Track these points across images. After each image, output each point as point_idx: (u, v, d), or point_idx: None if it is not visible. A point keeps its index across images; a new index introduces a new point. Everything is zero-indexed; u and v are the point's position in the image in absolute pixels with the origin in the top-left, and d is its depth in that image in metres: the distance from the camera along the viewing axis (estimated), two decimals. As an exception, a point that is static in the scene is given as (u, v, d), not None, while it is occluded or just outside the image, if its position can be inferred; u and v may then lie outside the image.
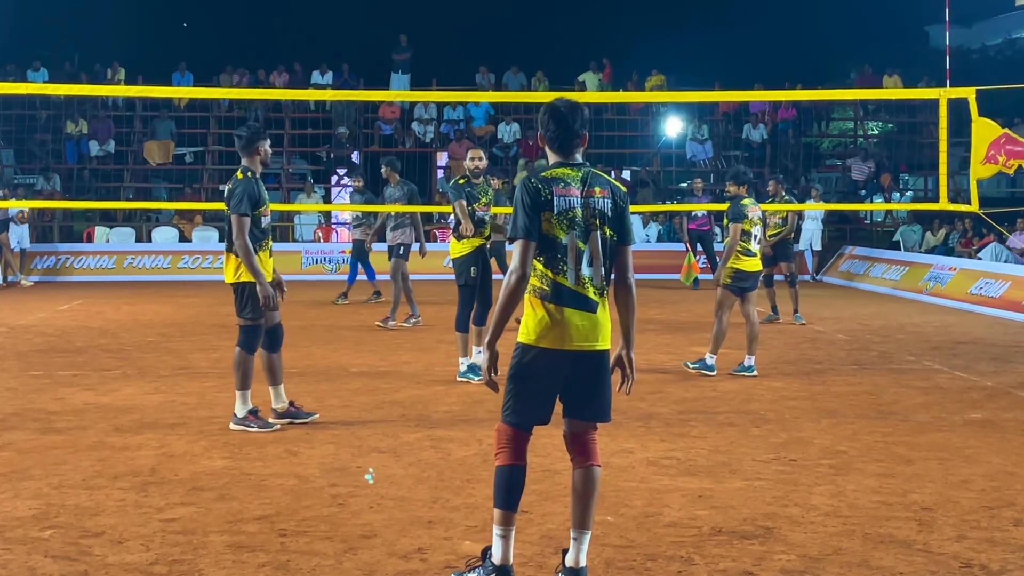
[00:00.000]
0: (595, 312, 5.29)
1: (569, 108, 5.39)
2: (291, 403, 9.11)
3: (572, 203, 5.23)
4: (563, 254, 5.22)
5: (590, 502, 5.30)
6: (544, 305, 5.23)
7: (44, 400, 10.04)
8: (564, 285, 5.22)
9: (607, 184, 5.38)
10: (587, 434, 5.43)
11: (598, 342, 5.32)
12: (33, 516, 6.40)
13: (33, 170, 28.97)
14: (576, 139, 5.40)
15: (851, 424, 9.16)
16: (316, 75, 30.70)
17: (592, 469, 5.36)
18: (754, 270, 11.72)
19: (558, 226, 5.21)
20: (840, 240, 27.50)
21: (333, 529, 6.20)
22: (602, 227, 5.29)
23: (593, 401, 5.41)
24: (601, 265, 5.29)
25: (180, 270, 24.55)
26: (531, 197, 5.20)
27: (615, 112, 31.00)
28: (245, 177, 8.81)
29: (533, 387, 5.29)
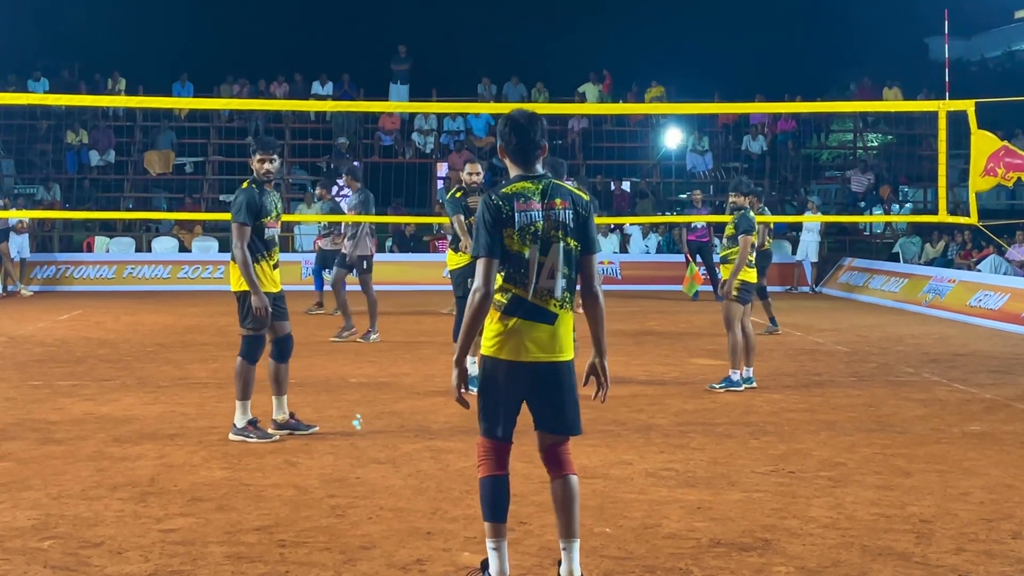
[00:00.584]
0: (553, 324, 5.30)
1: (528, 119, 5.43)
2: (292, 415, 9.11)
3: (533, 217, 5.24)
4: (524, 268, 5.24)
5: (572, 511, 5.30)
6: (502, 318, 5.28)
7: (43, 410, 10.05)
8: (522, 298, 5.26)
9: (568, 195, 5.38)
10: (559, 446, 5.42)
11: (557, 354, 5.34)
12: (32, 526, 6.40)
13: (33, 180, 29.01)
14: (536, 150, 5.42)
15: (850, 436, 9.16)
16: (316, 86, 30.73)
17: (568, 479, 5.36)
18: (755, 281, 11.74)
19: (519, 241, 5.23)
20: (839, 252, 27.52)
21: (332, 540, 6.20)
22: (564, 238, 5.30)
23: (559, 414, 5.39)
24: (562, 277, 5.31)
25: (180, 280, 24.54)
26: (492, 215, 5.23)
27: (615, 123, 31.05)
28: (248, 187, 8.84)
29: (500, 399, 5.32)
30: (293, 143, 30.51)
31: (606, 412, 10.08)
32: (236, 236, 8.68)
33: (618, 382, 11.92)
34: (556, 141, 31.11)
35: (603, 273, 25.93)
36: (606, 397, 5.65)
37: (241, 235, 8.66)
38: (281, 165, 9.06)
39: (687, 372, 12.74)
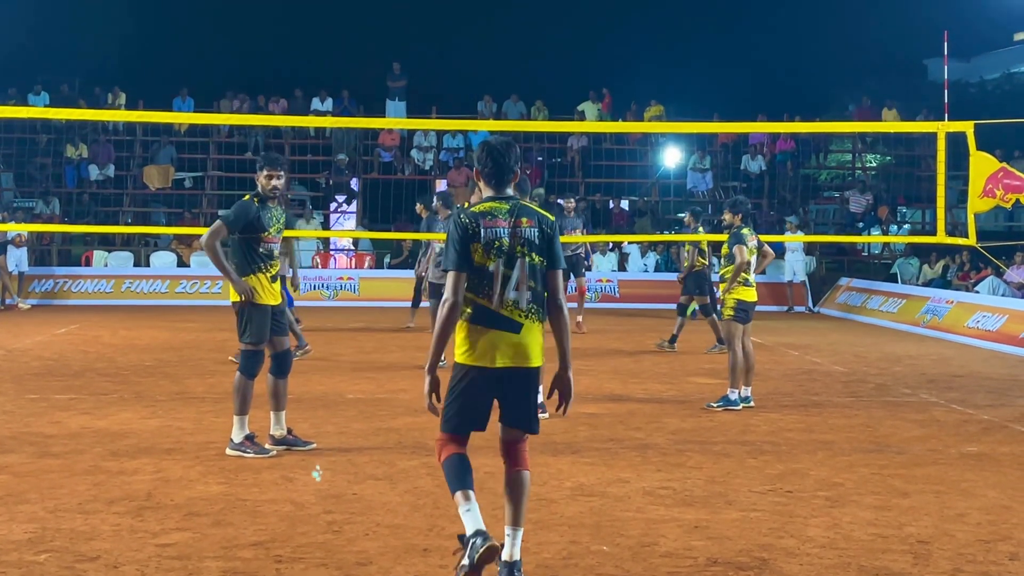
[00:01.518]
0: (519, 333, 5.71)
1: (504, 147, 5.84)
2: (289, 430, 9.10)
3: (499, 233, 5.67)
4: (488, 280, 5.66)
5: (520, 502, 5.74)
6: (471, 327, 5.70)
7: (40, 424, 10.03)
8: (489, 308, 5.68)
9: (534, 214, 5.79)
10: (518, 443, 5.83)
11: (524, 361, 5.73)
12: (28, 540, 6.39)
13: (32, 193, 29.00)
14: (509, 175, 5.84)
15: (847, 456, 9.15)
16: (316, 102, 30.78)
17: (521, 473, 5.79)
18: (753, 300, 11.70)
19: (485, 255, 5.65)
20: (838, 272, 27.54)
21: (328, 556, 6.19)
22: (529, 254, 5.71)
23: (522, 413, 5.80)
24: (527, 289, 5.71)
25: (178, 295, 24.55)
26: (460, 232, 5.66)
27: (614, 141, 31.13)
28: (249, 200, 8.91)
29: (467, 402, 5.74)
30: (292, 159, 30.53)
31: (603, 430, 10.09)
32: (212, 229, 8.76)
33: (616, 400, 11.93)
34: (555, 159, 31.18)
35: (601, 291, 25.97)
36: (567, 410, 5.96)
37: (216, 229, 8.74)
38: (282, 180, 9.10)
39: (685, 390, 12.73)
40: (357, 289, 24.72)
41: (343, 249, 29.08)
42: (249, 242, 8.83)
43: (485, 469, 8.35)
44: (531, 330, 5.74)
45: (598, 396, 12.17)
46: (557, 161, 31.11)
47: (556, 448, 9.25)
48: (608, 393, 12.40)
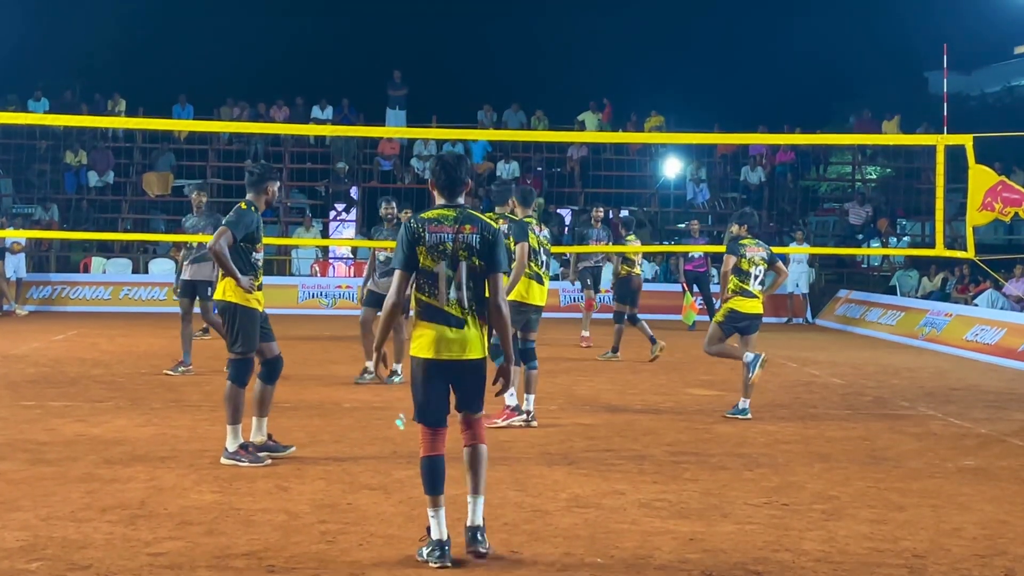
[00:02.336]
0: (463, 328, 6.36)
1: (456, 161, 6.53)
2: (269, 436, 9.08)
3: (443, 238, 6.32)
4: (434, 281, 6.31)
5: (479, 472, 6.45)
6: (420, 323, 6.38)
7: (35, 431, 10.00)
8: (435, 306, 6.34)
9: (478, 221, 6.42)
10: (470, 419, 6.53)
11: (465, 353, 6.38)
12: (20, 548, 6.36)
13: (31, 200, 28.98)
14: (460, 186, 6.50)
15: (844, 469, 9.12)
16: (316, 110, 30.78)
17: (478, 447, 6.50)
18: (751, 312, 11.65)
19: (430, 257, 6.31)
20: (836, 284, 27.53)
21: (322, 566, 6.16)
22: (471, 258, 6.34)
23: (471, 399, 6.49)
24: (468, 289, 6.35)
25: (176, 302, 24.40)
26: (408, 235, 6.34)
27: (614, 152, 31.12)
28: (249, 208, 8.94)
29: (424, 391, 6.40)
30: (292, 167, 30.56)
31: (600, 441, 10.06)
32: (218, 234, 8.77)
33: (613, 411, 11.91)
34: (555, 169, 31.16)
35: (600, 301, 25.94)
36: (503, 392, 6.70)
37: (222, 234, 8.77)
38: (279, 189, 9.25)
39: (682, 402, 12.71)
40: (356, 298, 24.67)
41: (342, 257, 29.06)
42: (243, 250, 8.89)
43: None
44: (473, 326, 6.38)
45: (595, 407, 12.15)
46: (557, 171, 31.10)
47: (552, 459, 9.22)
48: (605, 404, 12.38)
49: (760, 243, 11.87)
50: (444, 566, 6.14)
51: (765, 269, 11.72)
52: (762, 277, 11.71)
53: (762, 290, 11.73)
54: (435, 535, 6.26)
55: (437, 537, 6.25)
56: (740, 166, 30.29)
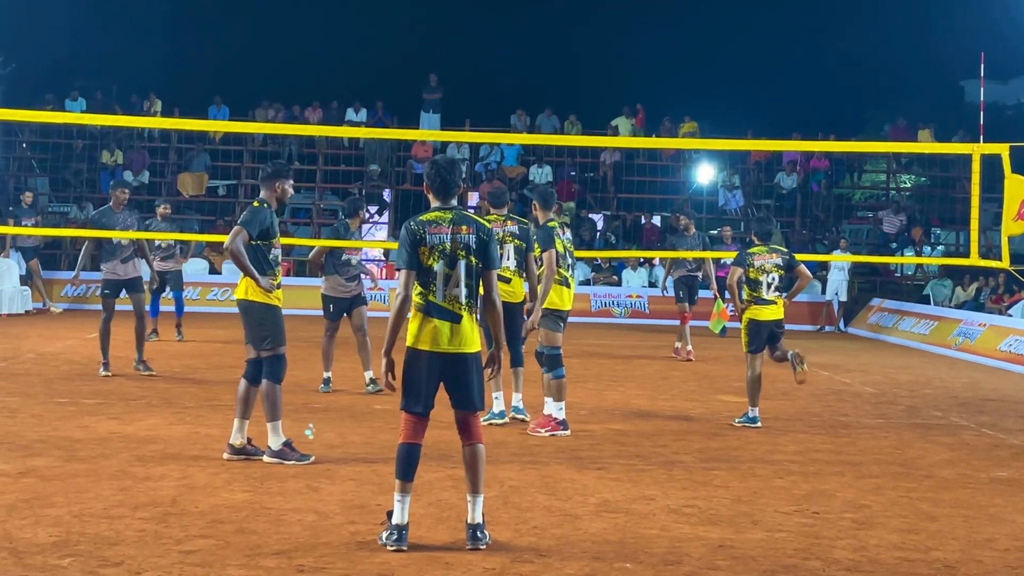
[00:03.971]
0: (459, 323, 6.68)
1: (449, 164, 6.86)
2: (249, 440, 9.04)
3: (442, 239, 6.67)
4: (434, 278, 6.65)
5: (478, 471, 6.70)
6: (419, 316, 6.68)
7: (69, 428, 10.08)
8: (434, 301, 6.66)
9: (473, 222, 6.79)
10: (468, 419, 6.79)
11: (462, 346, 6.70)
12: (53, 543, 6.41)
13: (67, 198, 29.20)
14: (453, 188, 6.83)
15: (875, 478, 9.08)
16: (350, 112, 30.87)
17: (475, 446, 6.76)
18: (770, 318, 11.53)
19: (431, 256, 6.65)
20: (870, 292, 27.39)
21: (351, 567, 6.19)
22: (468, 256, 6.70)
23: (466, 394, 6.75)
24: (465, 286, 6.68)
25: (209, 302, 24.66)
26: (410, 237, 6.67)
27: (647, 157, 31.08)
28: (261, 206, 9.00)
29: (416, 381, 6.67)
30: (326, 169, 30.66)
31: (630, 447, 10.05)
32: (231, 234, 8.84)
33: (643, 416, 11.89)
34: (587, 173, 31.16)
35: (632, 307, 25.93)
36: (493, 377, 7.05)
37: (237, 234, 8.83)
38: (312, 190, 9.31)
39: (712, 408, 12.67)
40: (388, 300, 24.72)
41: (374, 259, 29.12)
42: (261, 248, 8.93)
43: (511, 483, 8.35)
44: (468, 320, 6.71)
45: (625, 412, 12.14)
46: (590, 176, 31.08)
47: (582, 464, 9.22)
48: (635, 409, 12.37)
49: (775, 249, 11.68)
50: (400, 549, 6.49)
51: (781, 276, 11.56)
52: (777, 283, 11.54)
53: (780, 295, 11.58)
54: (396, 520, 6.58)
55: (397, 522, 6.57)
56: (774, 173, 30.19)
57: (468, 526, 6.65)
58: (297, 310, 19.66)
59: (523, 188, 29.47)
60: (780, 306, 11.56)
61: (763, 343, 11.54)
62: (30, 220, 23.33)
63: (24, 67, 38.04)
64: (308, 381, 13.24)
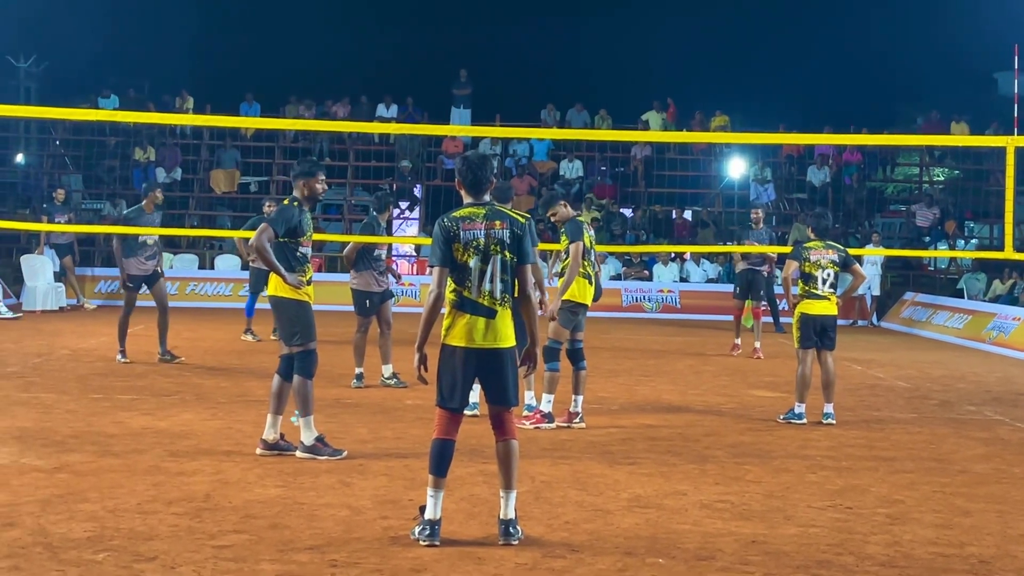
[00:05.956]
0: (494, 318, 6.67)
1: (480, 160, 6.84)
2: (282, 435, 9.08)
3: (476, 235, 6.65)
4: (468, 274, 6.64)
5: (511, 468, 6.69)
6: (454, 312, 6.69)
7: (103, 423, 10.14)
8: (468, 297, 6.66)
9: (506, 217, 6.76)
10: (501, 415, 6.78)
11: (497, 342, 6.68)
12: (88, 538, 6.46)
13: (100, 195, 29.39)
14: (485, 184, 6.82)
15: (909, 473, 9.04)
16: (381, 108, 30.93)
17: (509, 442, 6.75)
18: (821, 313, 11.44)
19: (465, 253, 6.64)
20: (903, 286, 27.24)
21: (383, 562, 6.20)
22: (502, 252, 6.68)
23: (501, 390, 6.74)
24: (499, 281, 6.67)
25: (241, 298, 24.63)
26: (443, 234, 6.66)
27: (678, 151, 31.01)
28: (290, 204, 9.05)
29: (451, 376, 6.67)
30: (356, 164, 30.74)
31: (661, 442, 10.04)
32: (260, 231, 8.87)
33: (674, 411, 11.87)
34: (618, 168, 31.11)
35: (663, 302, 25.89)
36: (529, 374, 7.11)
37: (263, 231, 8.85)
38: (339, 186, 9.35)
39: (744, 403, 12.64)
40: (419, 295, 24.77)
41: (405, 255, 29.19)
42: (289, 246, 8.95)
43: (542, 478, 8.35)
44: (503, 315, 6.70)
45: (657, 407, 12.12)
46: (621, 170, 31.04)
47: (614, 459, 9.21)
48: (667, 404, 12.34)
49: (832, 245, 11.57)
50: (433, 544, 6.50)
51: (836, 272, 11.48)
52: (832, 280, 11.47)
53: (833, 292, 11.50)
54: (429, 515, 6.60)
55: (430, 517, 6.59)
56: (805, 166, 30.06)
57: (500, 521, 6.66)
58: (328, 306, 19.70)
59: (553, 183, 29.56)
60: (832, 303, 11.47)
61: (814, 339, 11.46)
62: (63, 217, 23.48)
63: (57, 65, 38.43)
64: (340, 377, 13.27)
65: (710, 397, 13.01)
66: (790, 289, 11.61)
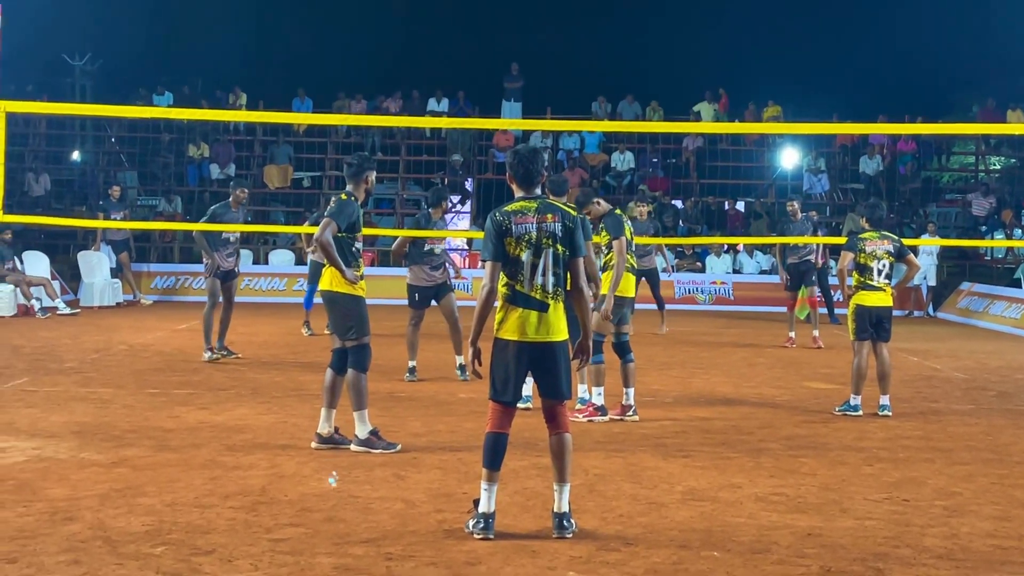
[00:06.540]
0: (546, 312, 6.67)
1: (531, 154, 6.86)
2: (336, 429, 9.13)
3: (528, 228, 6.66)
4: (521, 268, 6.65)
5: (564, 461, 6.69)
6: (506, 306, 6.71)
7: (160, 418, 10.24)
8: (521, 291, 6.67)
9: (558, 211, 6.76)
10: (555, 408, 6.79)
11: (550, 335, 6.69)
12: (146, 532, 6.52)
13: (155, 192, 29.66)
14: (536, 177, 6.83)
15: (967, 465, 8.95)
16: (432, 102, 30.99)
17: (562, 436, 6.75)
18: (877, 304, 11.36)
19: (517, 247, 6.65)
20: (959, 277, 26.96)
21: (438, 555, 6.22)
22: (554, 245, 6.68)
23: (554, 383, 6.74)
24: (552, 274, 6.67)
25: (296, 292, 24.86)
26: (495, 228, 6.68)
27: (730, 142, 30.85)
28: (349, 199, 9.07)
29: (503, 370, 6.69)
30: (408, 159, 30.82)
31: (716, 434, 10.00)
32: (322, 226, 8.90)
33: (729, 404, 11.82)
34: (670, 160, 30.99)
35: (716, 293, 25.78)
36: (582, 367, 7.45)
37: (326, 226, 8.88)
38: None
39: (799, 395, 12.56)
40: (471, 289, 24.81)
41: (457, 249, 29.24)
42: (346, 241, 9.01)
43: (596, 471, 8.35)
44: (556, 309, 6.70)
45: (710, 399, 12.07)
46: (672, 162, 30.92)
47: (667, 451, 9.19)
48: (720, 397, 12.30)
49: (887, 235, 11.48)
50: (487, 538, 6.52)
51: (892, 263, 11.39)
52: (887, 271, 11.38)
53: (889, 283, 11.41)
54: (483, 508, 6.62)
55: (484, 510, 6.61)
56: (859, 156, 29.81)
57: (554, 514, 6.66)
58: (381, 300, 19.79)
59: (605, 175, 29.51)
60: (888, 293, 11.39)
61: (869, 330, 11.38)
62: (119, 214, 23.71)
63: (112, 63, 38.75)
64: (393, 370, 13.32)
65: (764, 389, 12.94)
66: (845, 280, 11.50)
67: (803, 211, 19.10)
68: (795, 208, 18.31)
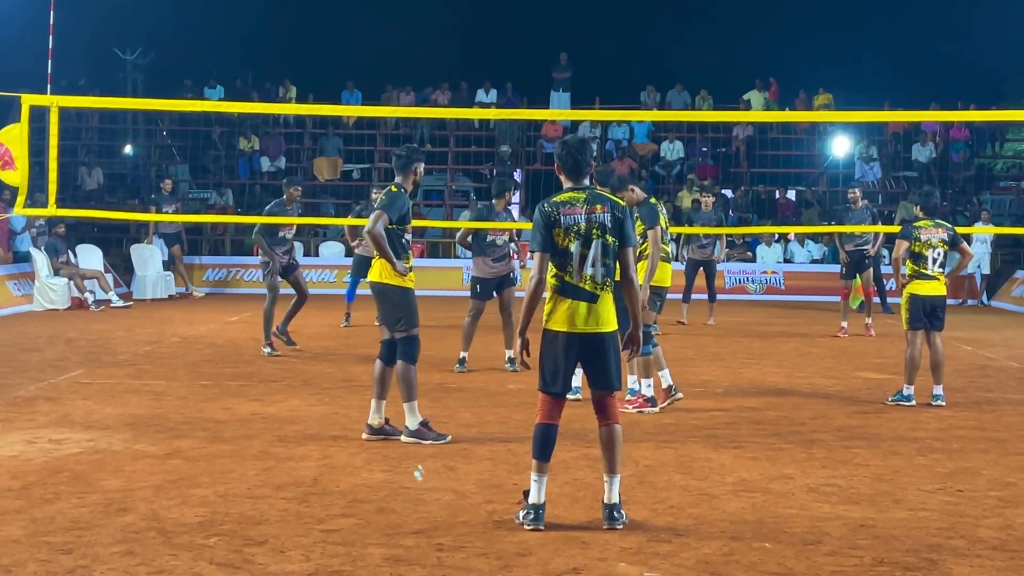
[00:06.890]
0: (596, 302, 6.65)
1: (579, 145, 6.81)
2: (387, 420, 9.15)
3: (577, 219, 6.63)
4: (569, 258, 6.63)
5: (614, 452, 6.68)
6: (556, 297, 6.69)
7: (213, 409, 10.32)
8: (570, 282, 6.65)
9: (607, 201, 6.74)
10: (604, 399, 6.77)
11: (599, 326, 6.67)
12: (199, 523, 6.58)
13: (207, 185, 29.87)
14: (585, 168, 6.80)
15: (1021, 455, 8.85)
16: (480, 93, 31.01)
17: (612, 427, 6.74)
18: (931, 293, 11.25)
19: (566, 238, 6.62)
20: (1014, 265, 26.66)
21: (489, 546, 6.23)
22: (603, 236, 6.64)
23: (603, 374, 6.73)
24: (601, 265, 6.64)
25: (346, 284, 24.93)
26: (544, 219, 6.67)
27: (780, 131, 30.67)
28: (400, 191, 9.09)
29: (553, 361, 6.68)
30: (457, 150, 30.86)
31: (767, 425, 9.95)
32: (373, 219, 8.91)
33: (780, 394, 11.76)
34: (720, 149, 30.87)
35: (767, 283, 25.65)
36: (632, 358, 7.47)
37: (378, 218, 8.89)
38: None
39: (851, 386, 12.47)
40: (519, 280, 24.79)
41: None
42: (396, 232, 9.02)
43: (646, 462, 8.34)
44: (605, 299, 6.68)
45: (762, 390, 12.01)
46: (722, 151, 30.78)
47: (718, 443, 9.16)
48: (772, 387, 12.23)
49: (941, 224, 11.36)
50: (537, 529, 6.51)
51: (946, 251, 11.28)
52: (942, 259, 11.27)
53: (943, 272, 11.30)
54: (533, 499, 6.61)
55: (534, 501, 6.60)
56: (911, 144, 29.54)
57: (604, 506, 6.66)
58: (430, 291, 19.84)
59: (654, 165, 29.41)
60: (942, 282, 11.28)
61: (923, 320, 11.27)
62: (171, 207, 23.94)
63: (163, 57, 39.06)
64: (443, 361, 13.36)
65: (816, 379, 12.86)
66: (900, 269, 11.39)
67: (853, 191, 18.88)
68: (856, 196, 18.08)
